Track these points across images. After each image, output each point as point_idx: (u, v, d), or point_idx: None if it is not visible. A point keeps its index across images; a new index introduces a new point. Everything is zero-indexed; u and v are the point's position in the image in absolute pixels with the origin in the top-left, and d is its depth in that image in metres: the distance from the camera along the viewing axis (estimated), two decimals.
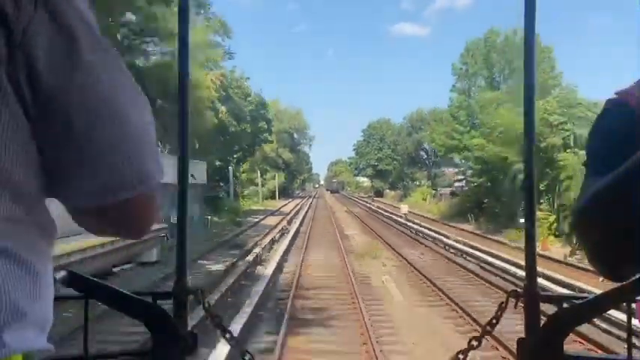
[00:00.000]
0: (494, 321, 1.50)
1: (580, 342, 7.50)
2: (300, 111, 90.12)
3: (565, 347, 1.30)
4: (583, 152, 1.04)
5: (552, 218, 21.00)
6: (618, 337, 7.58)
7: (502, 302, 1.47)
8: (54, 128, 0.58)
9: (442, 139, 32.85)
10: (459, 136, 29.67)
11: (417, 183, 64.67)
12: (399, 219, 32.16)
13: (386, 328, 8.77)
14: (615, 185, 0.71)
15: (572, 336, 6.85)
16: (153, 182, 0.63)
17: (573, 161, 19.38)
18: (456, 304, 10.21)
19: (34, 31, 0.55)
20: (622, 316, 6.13)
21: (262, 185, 61.42)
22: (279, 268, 14.56)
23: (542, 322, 1.35)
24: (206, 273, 13.92)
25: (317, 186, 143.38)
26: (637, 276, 0.87)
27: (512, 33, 30.73)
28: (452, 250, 18.33)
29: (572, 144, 20.54)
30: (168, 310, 1.43)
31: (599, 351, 7.20)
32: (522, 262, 3.93)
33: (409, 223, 28.87)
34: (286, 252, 18.00)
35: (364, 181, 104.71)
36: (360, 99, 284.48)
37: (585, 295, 1.54)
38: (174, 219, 16.98)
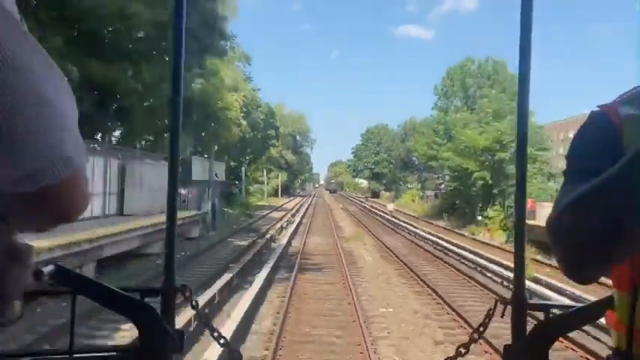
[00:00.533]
0: (481, 328, 1.50)
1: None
2: (303, 115, 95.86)
3: (553, 354, 1.30)
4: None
5: (502, 216, 26.63)
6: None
7: (490, 309, 1.46)
8: None
9: (424, 149, 38.61)
10: (437, 147, 35.36)
11: (409, 186, 70.56)
12: (386, 216, 37.86)
13: (357, 274, 14.28)
14: (590, 194, 0.74)
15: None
16: (76, 168, 0.63)
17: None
18: (405, 263, 15.82)
19: None
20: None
21: (267, 183, 67.11)
22: (288, 244, 20.13)
23: (529, 330, 1.35)
24: (235, 246, 19.49)
25: (317, 186, 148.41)
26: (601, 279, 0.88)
27: (484, 61, 36.62)
28: (418, 238, 23.99)
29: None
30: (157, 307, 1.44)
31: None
32: (465, 245, 12.03)
33: (393, 219, 34.54)
34: (292, 235, 23.60)
35: (362, 182, 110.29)
36: (363, 100, 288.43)
37: (573, 304, 1.55)
38: (205, 209, 24.10)
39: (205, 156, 29.33)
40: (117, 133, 24.00)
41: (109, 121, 20.90)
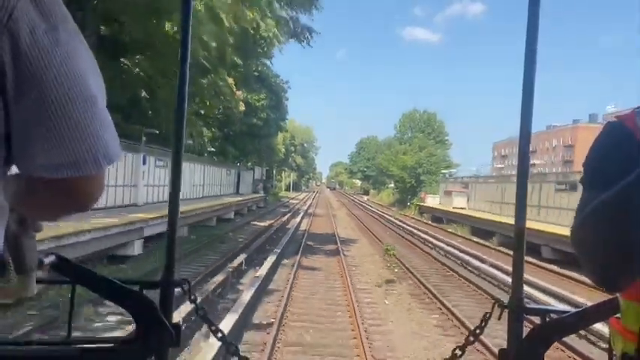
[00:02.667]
0: (477, 331, 1.52)
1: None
2: (310, 128, 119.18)
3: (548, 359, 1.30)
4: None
5: (415, 202, 49.95)
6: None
7: (486, 313, 1.47)
8: (29, 103, 0.62)
9: (385, 163, 62.01)
10: (394, 162, 58.72)
11: (387, 186, 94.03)
12: (362, 203, 61.37)
13: (336, 220, 37.35)
14: (611, 203, 0.73)
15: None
16: (113, 161, 0.67)
17: (427, 183, 48.65)
18: (358, 218, 39.19)
19: (18, 16, 0.60)
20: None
21: (283, 182, 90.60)
22: (307, 210, 43.39)
23: (525, 334, 1.36)
24: (278, 212, 42.73)
25: (319, 184, 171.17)
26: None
27: (422, 113, 60.71)
28: (370, 211, 47.33)
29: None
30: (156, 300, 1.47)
31: None
32: (392, 214, 42.84)
33: (363, 204, 58.02)
34: (307, 208, 46.92)
35: (357, 182, 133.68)
36: (363, 100, 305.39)
37: (569, 308, 1.51)
38: (261, 194, 53.82)
39: (249, 164, 52.51)
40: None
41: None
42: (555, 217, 22.52)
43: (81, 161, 0.64)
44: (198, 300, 1.64)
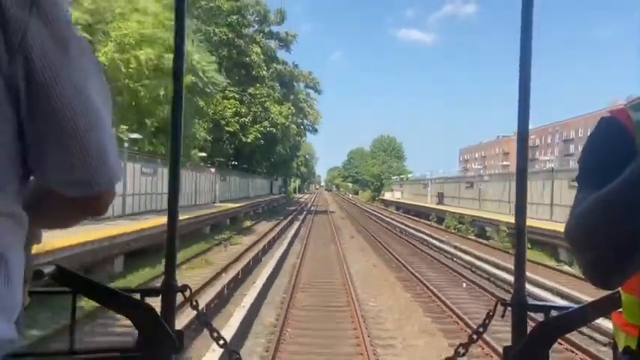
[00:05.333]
0: (481, 329, 1.51)
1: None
2: (310, 143, 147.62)
3: (553, 355, 1.32)
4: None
5: (377, 198, 78.37)
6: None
7: (490, 311, 1.45)
8: (42, 121, 0.63)
9: (363, 169, 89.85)
10: (368, 171, 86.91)
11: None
12: (349, 200, 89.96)
13: (330, 209, 65.69)
14: (607, 199, 0.71)
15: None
16: (120, 179, 0.70)
17: (386, 185, 77.57)
18: (344, 208, 67.80)
19: (31, 37, 0.61)
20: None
21: (290, 186, 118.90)
22: (312, 204, 71.80)
23: (529, 331, 1.35)
24: (295, 203, 71.09)
25: (317, 187, 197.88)
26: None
27: (386, 137, 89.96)
28: (351, 203, 75.79)
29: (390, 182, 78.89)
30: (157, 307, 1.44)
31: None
32: (364, 204, 79.07)
33: (349, 201, 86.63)
34: (312, 203, 75.43)
35: (349, 185, 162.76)
36: (366, 98, 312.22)
37: (573, 305, 1.50)
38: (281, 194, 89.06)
39: (275, 177, 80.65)
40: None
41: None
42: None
43: (93, 180, 0.67)
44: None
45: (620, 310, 0.94)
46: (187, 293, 1.51)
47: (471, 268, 16.26)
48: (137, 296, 1.42)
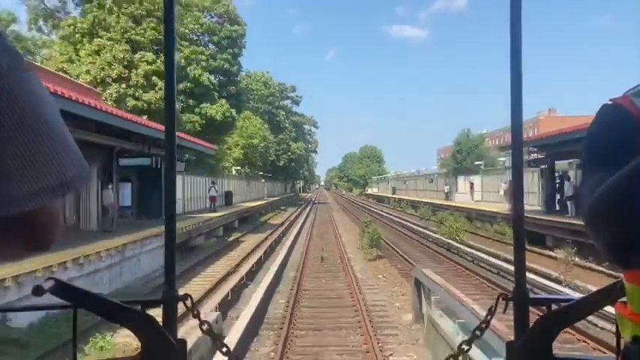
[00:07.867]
0: (483, 325, 1.50)
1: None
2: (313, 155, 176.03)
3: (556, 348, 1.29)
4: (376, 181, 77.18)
5: (362, 192, 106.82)
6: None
7: (491, 306, 1.44)
8: None
9: (353, 171, 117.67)
10: (358, 171, 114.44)
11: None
12: (343, 196, 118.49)
13: (330, 200, 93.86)
14: (621, 184, 0.72)
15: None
16: (77, 186, 0.59)
17: (370, 184, 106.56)
18: (337, 199, 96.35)
19: None
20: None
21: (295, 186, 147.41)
22: (316, 198, 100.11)
23: (531, 325, 1.34)
24: (303, 198, 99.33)
25: (317, 187, 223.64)
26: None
27: (371, 146, 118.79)
28: (344, 197, 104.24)
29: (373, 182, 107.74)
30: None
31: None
32: (353, 196, 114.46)
33: (343, 196, 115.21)
34: (316, 198, 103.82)
35: (345, 184, 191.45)
36: (365, 98, 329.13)
37: (574, 296, 1.49)
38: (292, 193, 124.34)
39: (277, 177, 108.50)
40: None
41: None
42: None
43: (41, 191, 0.56)
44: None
45: (623, 299, 0.91)
46: (189, 302, 1.48)
47: (382, 213, 44.60)
48: (138, 307, 1.40)
